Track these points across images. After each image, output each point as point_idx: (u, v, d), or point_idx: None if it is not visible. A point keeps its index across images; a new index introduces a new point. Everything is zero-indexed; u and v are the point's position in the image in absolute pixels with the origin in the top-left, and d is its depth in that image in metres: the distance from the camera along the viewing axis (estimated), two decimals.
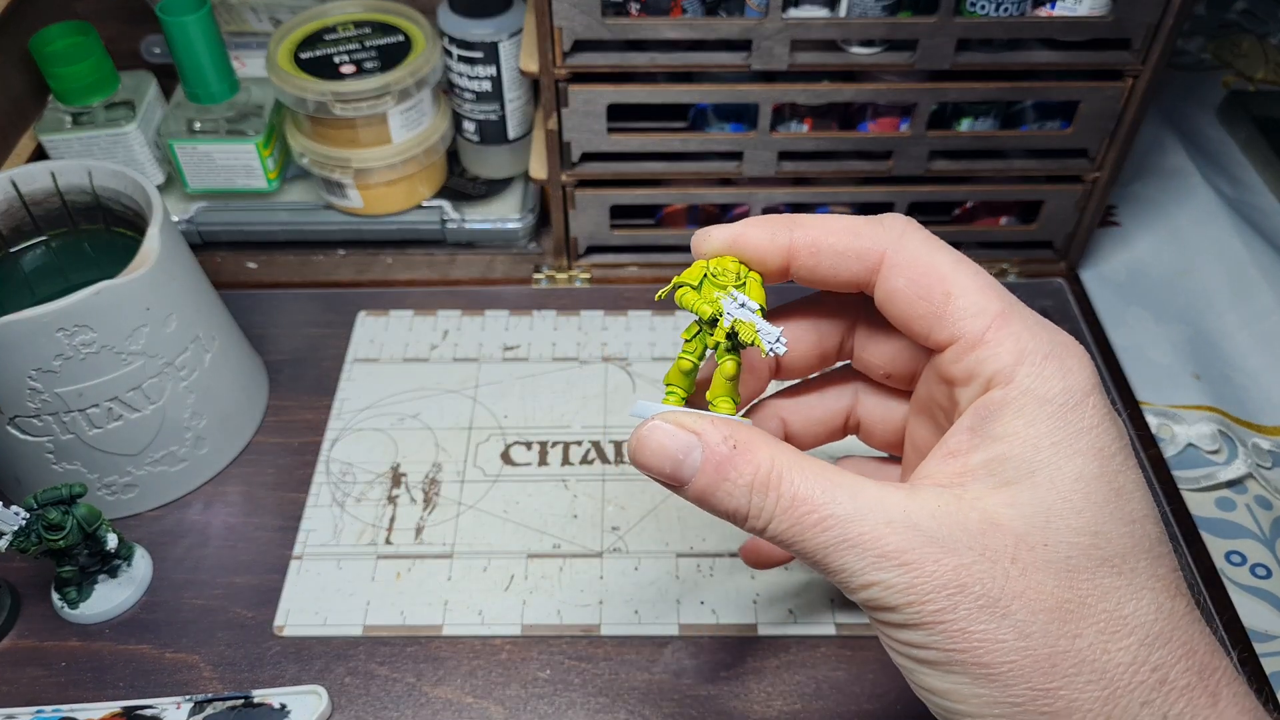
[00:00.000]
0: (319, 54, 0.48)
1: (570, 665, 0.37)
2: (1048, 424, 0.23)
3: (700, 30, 0.42)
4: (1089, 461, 0.22)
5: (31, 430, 0.38)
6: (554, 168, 0.47)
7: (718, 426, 0.24)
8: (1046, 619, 0.22)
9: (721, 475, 0.23)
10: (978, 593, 0.22)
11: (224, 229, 0.51)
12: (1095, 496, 0.22)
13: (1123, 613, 0.22)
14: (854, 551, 0.22)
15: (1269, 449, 0.45)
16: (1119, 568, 0.22)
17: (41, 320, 0.34)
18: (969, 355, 0.24)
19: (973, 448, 0.23)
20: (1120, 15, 0.42)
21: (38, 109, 0.51)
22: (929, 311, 0.24)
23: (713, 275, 0.25)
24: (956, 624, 0.22)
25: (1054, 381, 0.23)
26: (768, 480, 0.23)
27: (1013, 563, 0.22)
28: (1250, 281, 0.52)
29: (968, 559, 0.22)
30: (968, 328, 0.24)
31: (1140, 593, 0.22)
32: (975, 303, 0.24)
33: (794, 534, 0.23)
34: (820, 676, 0.36)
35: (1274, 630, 0.39)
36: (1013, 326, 0.24)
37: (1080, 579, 0.22)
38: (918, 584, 0.22)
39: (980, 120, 0.48)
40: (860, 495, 0.23)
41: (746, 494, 0.23)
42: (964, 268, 0.25)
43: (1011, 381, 0.23)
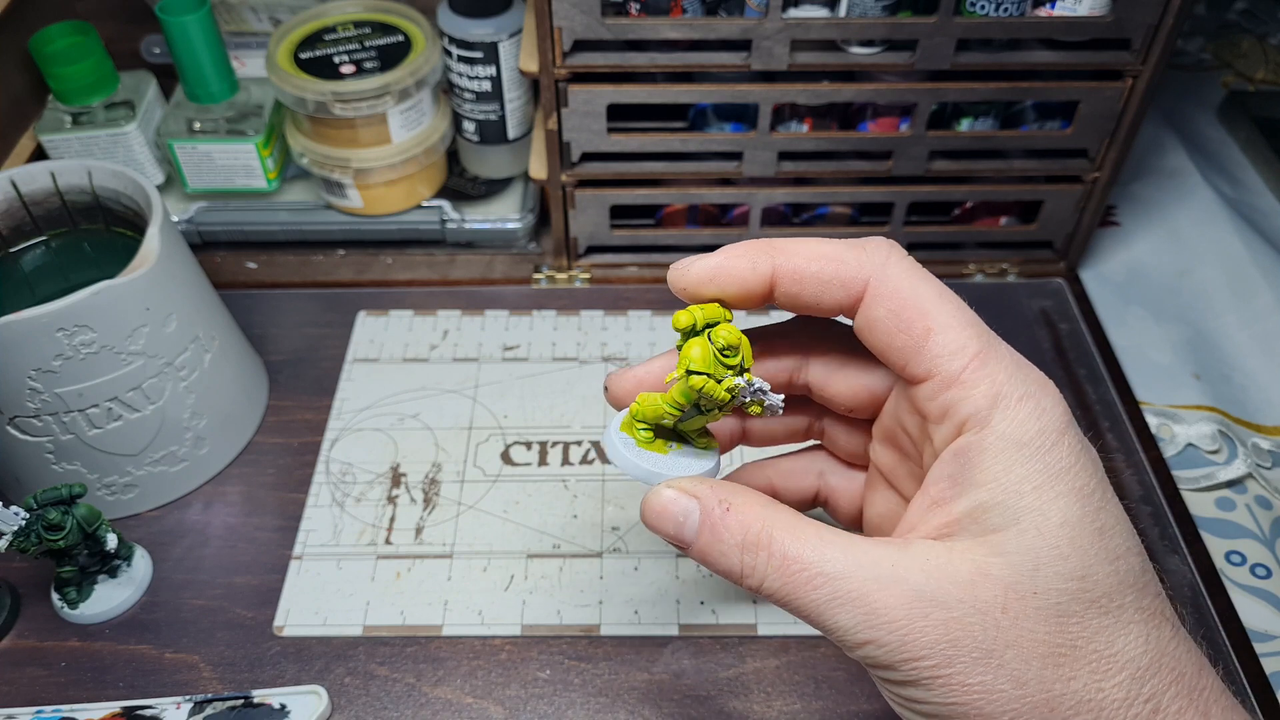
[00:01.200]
0: (319, 54, 0.48)
1: (570, 665, 0.37)
2: (1026, 468, 0.23)
3: (700, 30, 0.42)
4: (1071, 504, 0.23)
5: (31, 430, 0.38)
6: (554, 168, 0.47)
7: (714, 490, 0.24)
8: (1040, 665, 0.22)
9: (716, 536, 0.24)
10: (971, 646, 0.22)
11: (224, 229, 0.51)
12: (1080, 540, 0.23)
13: (1112, 650, 0.22)
14: (846, 609, 0.22)
15: (1269, 449, 0.45)
16: (1106, 607, 0.23)
17: (41, 320, 0.34)
18: (945, 394, 0.24)
19: (955, 496, 0.24)
20: (1120, 15, 0.42)
21: (37, 109, 0.51)
22: (908, 344, 0.24)
23: (721, 354, 0.25)
24: (954, 678, 0.22)
25: (1029, 423, 0.23)
26: (758, 540, 0.23)
27: (1004, 613, 0.22)
28: (1250, 281, 0.52)
29: (958, 612, 0.22)
30: (945, 366, 0.24)
31: (1128, 628, 0.23)
32: (955, 340, 0.24)
33: (787, 592, 0.23)
34: (820, 676, 0.36)
35: (1274, 630, 0.39)
36: (989, 368, 0.24)
37: (1070, 623, 0.22)
38: (910, 641, 0.22)
39: (980, 120, 0.48)
40: (851, 552, 0.23)
41: (738, 554, 0.24)
42: (946, 302, 0.25)
43: (988, 425, 0.23)
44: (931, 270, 0.25)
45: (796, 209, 0.52)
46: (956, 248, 0.52)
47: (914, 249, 0.52)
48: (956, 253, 0.52)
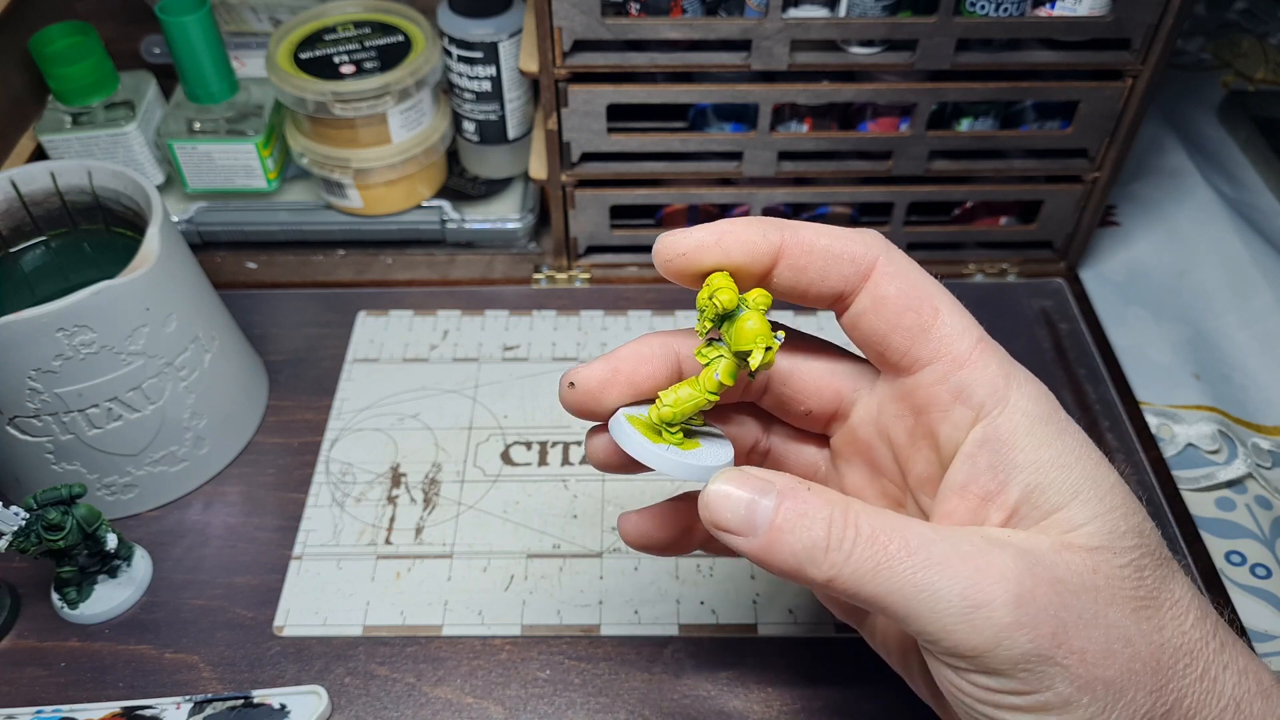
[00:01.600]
0: (319, 54, 0.48)
1: (570, 665, 0.37)
2: (1060, 442, 0.23)
3: (700, 30, 0.42)
4: (1109, 471, 0.23)
5: (31, 430, 0.38)
6: (554, 168, 0.47)
7: (788, 477, 0.23)
8: (1136, 620, 0.22)
9: (800, 514, 0.22)
10: (1077, 611, 0.22)
11: (224, 229, 0.51)
12: (1129, 500, 0.23)
13: (1176, 597, 0.23)
14: (947, 578, 0.21)
15: (1269, 449, 0.45)
16: (1159, 558, 0.23)
17: (41, 320, 0.34)
18: (956, 374, 0.24)
19: (1003, 485, 0.23)
20: (1120, 15, 0.42)
21: (37, 109, 0.51)
22: (916, 324, 0.24)
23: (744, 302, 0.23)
24: (1071, 650, 0.21)
25: (1042, 399, 0.24)
26: (845, 517, 0.22)
27: (1095, 574, 0.22)
28: (1250, 281, 0.52)
29: (1061, 573, 0.22)
30: (954, 346, 0.24)
31: (1176, 574, 0.24)
32: (960, 323, 0.24)
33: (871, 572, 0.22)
34: (820, 677, 0.36)
35: (1274, 630, 0.39)
36: (990, 351, 0.24)
37: (1146, 576, 0.23)
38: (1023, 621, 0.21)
39: (980, 120, 0.48)
40: (937, 529, 0.22)
41: (825, 527, 0.22)
42: (945, 291, 0.25)
43: (1007, 403, 0.23)
44: (931, 270, 0.25)
45: (796, 209, 0.52)
46: (956, 248, 0.52)
47: (914, 249, 0.52)
48: (956, 253, 0.52)
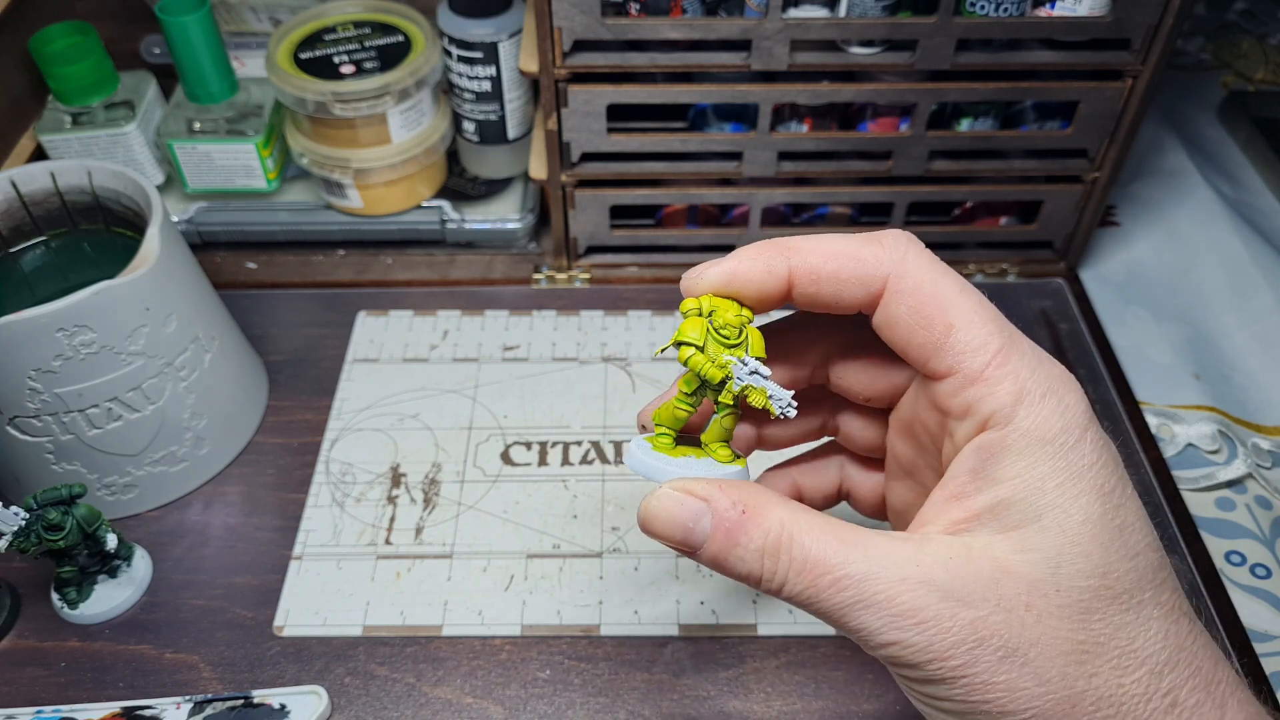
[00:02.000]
0: (319, 54, 0.48)
1: (570, 665, 0.37)
2: (1049, 465, 0.23)
3: (700, 30, 0.42)
4: (1093, 502, 0.23)
5: (31, 431, 0.38)
6: (554, 168, 0.47)
7: (726, 491, 0.23)
8: (1063, 663, 0.22)
9: (732, 541, 0.23)
10: (996, 644, 0.22)
11: (224, 229, 0.51)
12: (1101, 537, 0.23)
13: (1133, 647, 0.22)
14: (870, 611, 0.22)
15: (1269, 449, 0.45)
16: (1127, 604, 0.23)
17: (41, 320, 0.34)
18: (967, 390, 0.24)
19: (976, 491, 0.23)
20: (1120, 15, 0.42)
21: (37, 109, 0.51)
22: (929, 341, 0.24)
23: (715, 331, 0.24)
24: (978, 677, 0.22)
25: (1052, 420, 0.23)
26: (779, 544, 0.23)
27: (1027, 610, 0.22)
28: (1250, 281, 0.52)
29: (984, 611, 0.22)
30: (967, 363, 0.24)
31: (1147, 624, 0.23)
32: (976, 337, 0.24)
33: (810, 595, 0.23)
34: (819, 676, 0.36)
35: (1273, 630, 0.39)
36: (1012, 364, 0.23)
37: (1093, 620, 0.22)
38: (936, 642, 0.22)
39: (980, 120, 0.48)
40: (873, 552, 0.23)
41: (759, 559, 0.23)
42: (967, 297, 0.24)
43: (1011, 422, 0.23)
44: None
45: (796, 209, 0.52)
46: (956, 248, 0.52)
47: None
48: (956, 253, 0.52)
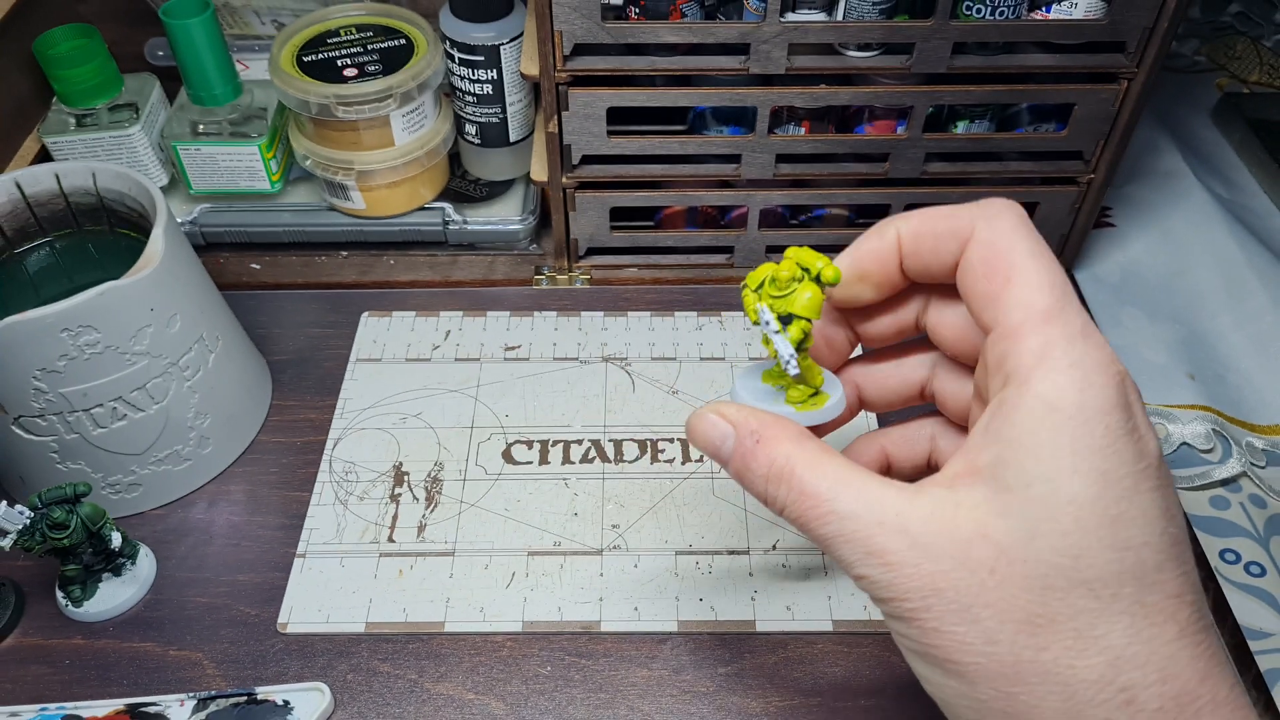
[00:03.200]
0: (322, 57, 0.49)
1: (570, 661, 0.37)
2: (1052, 435, 0.23)
3: (699, 34, 0.43)
4: (1088, 485, 0.23)
5: (36, 430, 0.38)
6: (554, 170, 0.48)
7: (749, 420, 0.26)
8: (1014, 630, 0.23)
9: (745, 464, 0.26)
10: (951, 598, 0.23)
11: (227, 230, 0.52)
12: (1086, 521, 0.23)
13: (1093, 633, 0.23)
14: (848, 545, 0.24)
15: (1263, 448, 0.45)
16: (1097, 592, 0.23)
17: (46, 321, 0.35)
18: (1001, 344, 0.24)
19: (983, 445, 0.24)
20: (1115, 18, 0.42)
21: (42, 111, 0.51)
22: (988, 291, 0.25)
23: (772, 281, 0.27)
24: (930, 623, 0.23)
25: (1069, 392, 0.23)
26: (781, 473, 0.25)
27: (990, 574, 0.23)
28: (1244, 282, 0.52)
29: (946, 566, 0.23)
30: (1009, 317, 0.24)
31: (1117, 617, 0.23)
32: (1027, 295, 0.24)
33: (803, 522, 0.25)
34: (817, 672, 0.36)
35: (1268, 628, 0.39)
36: (1051, 328, 0.24)
37: (1053, 597, 0.23)
38: (897, 583, 0.24)
39: (976, 123, 0.48)
40: (863, 494, 0.24)
41: (764, 483, 0.26)
42: (1037, 260, 0.25)
43: (1028, 383, 0.23)
44: None
45: (794, 210, 0.53)
46: None
47: None
48: None
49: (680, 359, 0.48)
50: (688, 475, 0.43)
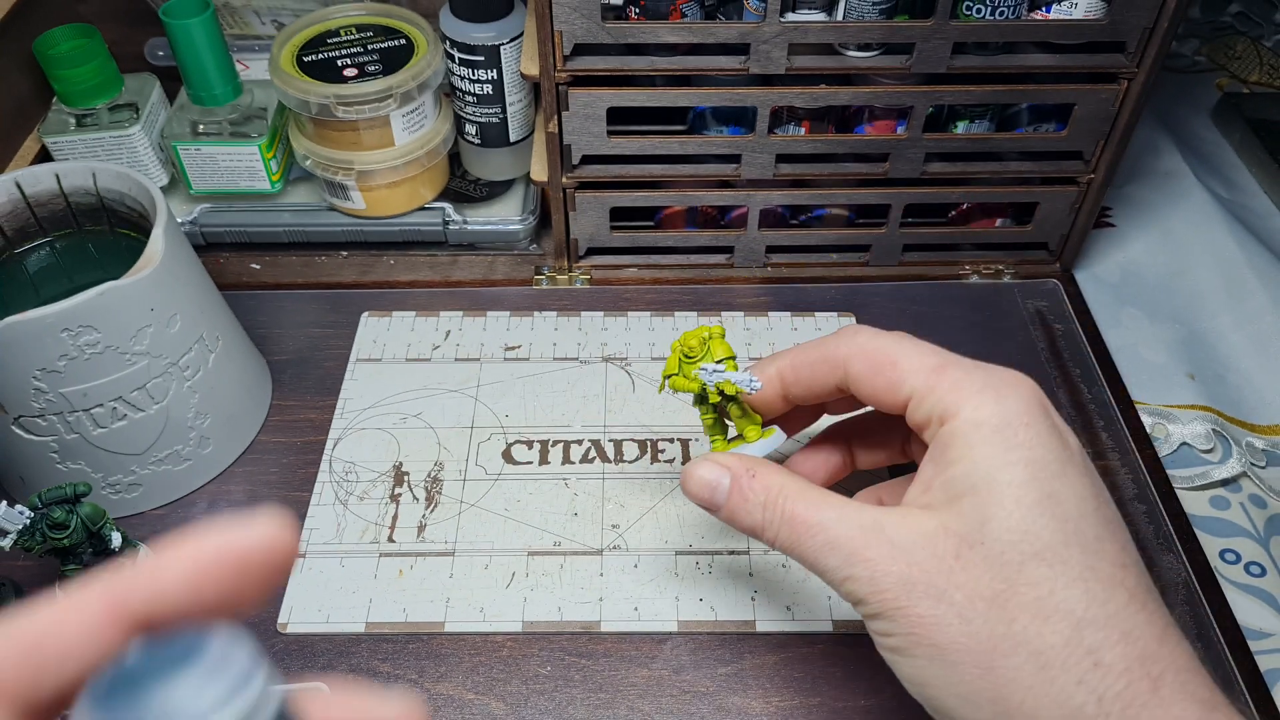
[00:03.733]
0: (322, 57, 0.49)
1: (570, 661, 0.37)
2: (983, 443, 0.27)
3: (699, 34, 0.43)
4: (1020, 471, 0.26)
5: (36, 430, 0.38)
6: (554, 170, 0.48)
7: (741, 461, 0.31)
8: (985, 607, 0.26)
9: (743, 497, 0.30)
10: (925, 584, 0.26)
11: (227, 230, 0.52)
12: (1025, 500, 0.26)
13: (1053, 600, 0.25)
14: (834, 551, 0.28)
15: (1263, 448, 0.45)
16: (1049, 560, 0.26)
17: (46, 321, 0.35)
18: (924, 403, 0.29)
19: (934, 475, 0.28)
20: (1115, 18, 0.42)
21: (42, 111, 0.51)
22: (885, 380, 0.30)
23: (684, 356, 0.33)
24: (909, 610, 0.26)
25: (986, 409, 0.27)
26: (774, 499, 0.29)
27: (956, 559, 0.26)
28: (1244, 282, 0.52)
29: (919, 557, 0.26)
30: (915, 382, 0.29)
31: (1072, 583, 0.25)
32: (917, 362, 0.29)
33: (792, 541, 0.29)
34: (817, 672, 0.36)
35: (1269, 628, 0.39)
36: (950, 373, 0.29)
37: (1011, 571, 0.26)
38: (879, 578, 0.27)
39: (976, 123, 0.48)
40: (844, 510, 0.28)
41: (761, 510, 0.30)
42: (905, 342, 0.30)
43: (956, 415, 0.28)
44: (927, 271, 0.30)
45: (794, 210, 0.53)
46: (952, 249, 0.53)
47: (910, 250, 0.52)
48: (952, 254, 0.53)
49: None
50: None
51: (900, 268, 0.52)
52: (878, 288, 0.51)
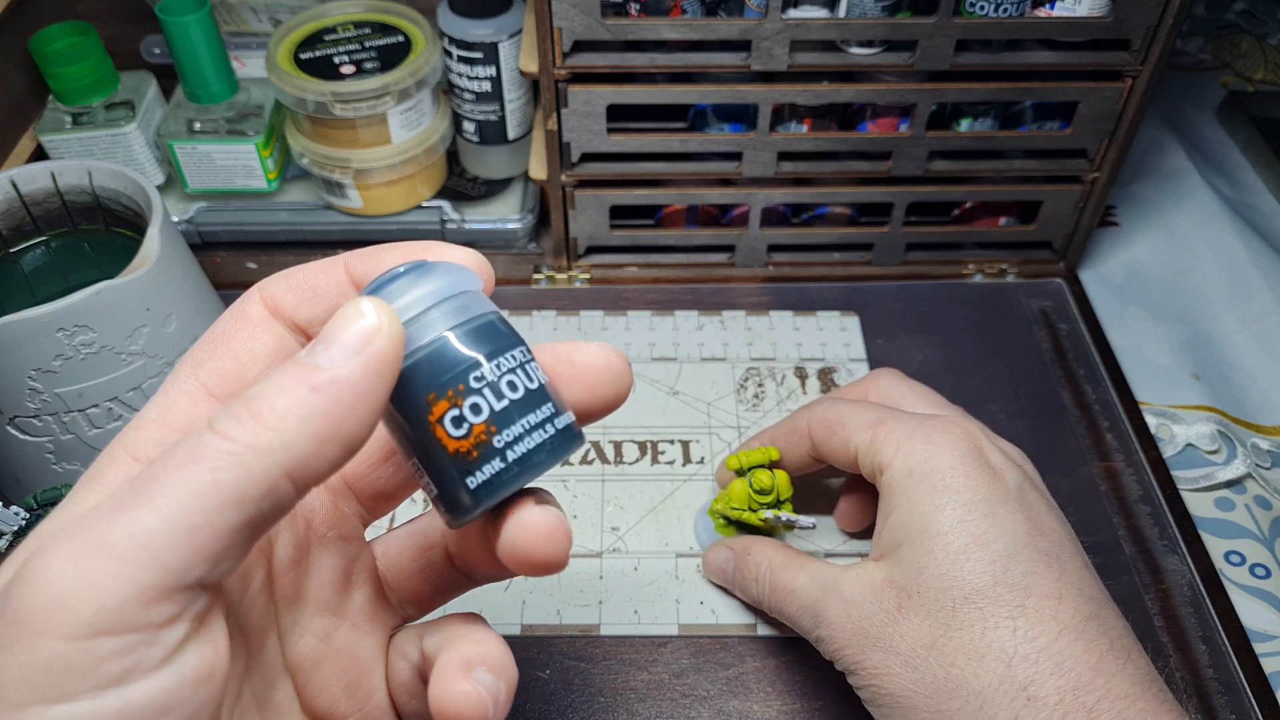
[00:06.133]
0: (319, 54, 0.48)
1: (570, 665, 0.37)
2: (914, 492, 0.29)
3: (700, 31, 0.42)
4: (947, 516, 0.28)
5: (31, 430, 0.38)
6: (554, 168, 0.47)
7: (740, 541, 0.36)
8: (926, 652, 0.27)
9: (741, 571, 0.35)
10: (875, 637, 0.28)
11: (224, 229, 0.51)
12: (952, 546, 0.28)
13: (985, 641, 0.26)
14: (806, 615, 0.31)
15: (1268, 449, 0.45)
16: (978, 603, 0.27)
17: (41, 320, 0.34)
18: (866, 458, 0.31)
19: (881, 524, 0.30)
20: (1119, 16, 0.42)
21: (38, 109, 0.51)
22: (837, 442, 0.33)
23: (755, 492, 0.36)
24: (865, 664, 0.28)
25: (916, 458, 0.29)
26: (761, 573, 0.34)
27: (898, 609, 0.28)
28: (1249, 282, 0.52)
29: (868, 611, 0.29)
30: (859, 439, 0.32)
31: (1001, 623, 0.26)
32: (859, 419, 0.32)
33: (779, 608, 0.33)
34: (819, 677, 0.36)
35: (1273, 630, 0.39)
36: (887, 426, 0.31)
37: (945, 617, 0.27)
38: (837, 635, 0.29)
39: (979, 121, 0.48)
40: (817, 576, 0.31)
41: (755, 585, 0.34)
42: (854, 405, 0.33)
43: (890, 465, 0.30)
44: (930, 270, 0.31)
45: (796, 209, 0.52)
46: (956, 248, 0.52)
47: (913, 249, 0.52)
48: (956, 253, 0.52)
49: (680, 359, 0.47)
50: (688, 477, 0.42)
51: (903, 267, 0.52)
52: (880, 287, 0.51)
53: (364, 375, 0.17)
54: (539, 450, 0.19)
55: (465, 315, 0.20)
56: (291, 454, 0.16)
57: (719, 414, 0.45)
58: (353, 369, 0.17)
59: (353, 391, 0.17)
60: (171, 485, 0.16)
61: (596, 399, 0.21)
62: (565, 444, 0.20)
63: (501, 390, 0.19)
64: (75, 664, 0.15)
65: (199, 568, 0.16)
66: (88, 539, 0.15)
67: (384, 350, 0.17)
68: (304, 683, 0.22)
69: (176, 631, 0.16)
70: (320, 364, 0.17)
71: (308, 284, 0.21)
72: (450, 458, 0.19)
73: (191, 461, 0.16)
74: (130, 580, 0.15)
